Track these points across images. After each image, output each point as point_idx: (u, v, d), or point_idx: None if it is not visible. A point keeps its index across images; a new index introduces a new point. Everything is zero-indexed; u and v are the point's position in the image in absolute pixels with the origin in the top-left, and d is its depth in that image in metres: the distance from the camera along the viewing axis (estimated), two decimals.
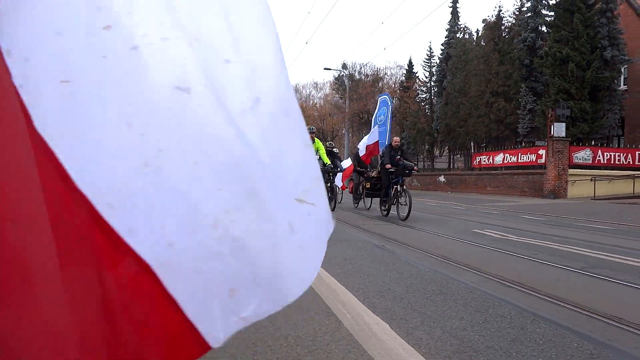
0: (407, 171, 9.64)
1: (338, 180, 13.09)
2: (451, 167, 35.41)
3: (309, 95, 60.55)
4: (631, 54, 26.41)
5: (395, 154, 9.81)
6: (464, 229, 7.86)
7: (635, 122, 27.50)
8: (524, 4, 31.05)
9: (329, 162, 10.63)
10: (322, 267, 3.95)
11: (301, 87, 63.24)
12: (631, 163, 22.50)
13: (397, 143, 10.08)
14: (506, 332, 2.64)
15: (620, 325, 2.78)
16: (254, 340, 2.42)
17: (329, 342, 2.42)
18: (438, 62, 41.93)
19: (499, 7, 46.10)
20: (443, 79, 38.59)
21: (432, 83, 43.45)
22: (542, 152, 22.53)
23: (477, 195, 21.99)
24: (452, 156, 36.96)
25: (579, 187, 21.21)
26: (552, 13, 26.62)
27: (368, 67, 49.29)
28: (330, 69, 47.18)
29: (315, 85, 69.88)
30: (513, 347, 2.40)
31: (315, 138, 10.33)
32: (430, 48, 45.52)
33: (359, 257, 5.05)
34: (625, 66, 26.78)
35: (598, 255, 5.29)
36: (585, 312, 3.05)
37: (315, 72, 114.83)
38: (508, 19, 32.54)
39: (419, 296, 3.40)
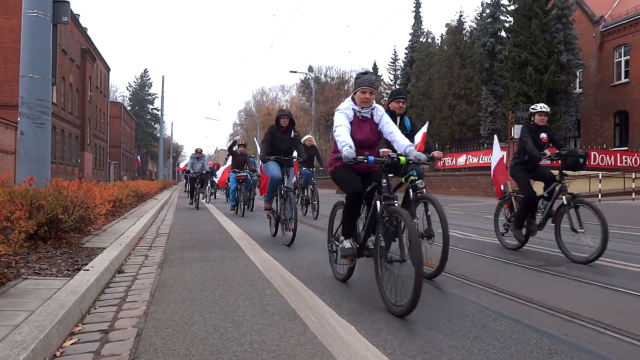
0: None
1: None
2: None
3: (276, 97, 60.37)
4: (585, 58, 27.50)
5: None
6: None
7: (590, 124, 28.64)
8: (484, 9, 31.87)
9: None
10: (287, 270, 3.94)
11: (268, 90, 62.98)
12: (587, 163, 23.30)
13: None
14: (468, 330, 2.69)
15: (577, 321, 2.88)
16: (219, 346, 2.39)
17: (295, 346, 2.41)
18: (402, 66, 42.54)
19: (460, 12, 47.11)
20: (407, 82, 39.18)
21: (397, 86, 44.02)
22: (503, 153, 23.10)
23: (442, 196, 22.38)
24: None
25: (538, 187, 21.80)
26: (511, 18, 27.43)
27: (333, 70, 49.60)
28: (296, 72, 47.18)
29: (282, 87, 69.80)
30: (475, 345, 2.45)
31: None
32: (395, 52, 46.09)
33: (325, 259, 5.04)
34: (580, 70, 27.87)
35: (555, 253, 5.46)
36: (543, 309, 3.14)
37: (282, 75, 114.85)
38: (470, 23, 33.34)
39: None
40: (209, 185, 16.74)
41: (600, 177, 20.10)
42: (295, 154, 7.05)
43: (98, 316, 2.89)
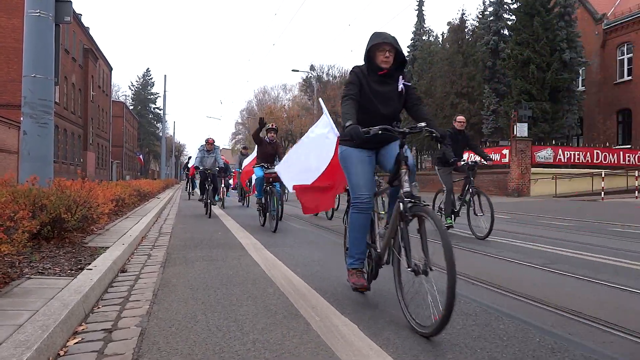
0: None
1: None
2: (419, 167, 35.91)
3: (278, 96, 60.34)
4: (588, 56, 27.42)
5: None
6: (432, 228, 7.94)
7: (593, 122, 28.56)
8: (486, 7, 31.79)
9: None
10: (290, 269, 3.92)
11: (270, 89, 62.97)
12: (590, 161, 23.31)
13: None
14: (471, 329, 2.69)
15: (580, 319, 2.87)
16: (221, 345, 2.39)
17: (297, 345, 2.41)
18: None
19: (462, 10, 47.03)
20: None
21: None
22: (505, 151, 23.14)
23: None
24: (419, 156, 37.48)
25: (542, 186, 21.85)
26: (514, 17, 27.35)
27: (335, 69, 49.48)
28: (298, 71, 47.27)
29: (284, 87, 69.74)
30: (478, 344, 2.45)
31: None
32: None
33: (327, 258, 5.05)
34: (583, 68, 27.79)
35: (559, 252, 5.46)
36: (547, 307, 3.13)
37: (284, 74, 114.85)
38: (472, 22, 33.24)
39: (387, 296, 3.42)
40: (222, 185, 12.82)
41: (603, 175, 20.04)
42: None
43: (101, 315, 2.89)
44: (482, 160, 7.49)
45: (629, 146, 25.68)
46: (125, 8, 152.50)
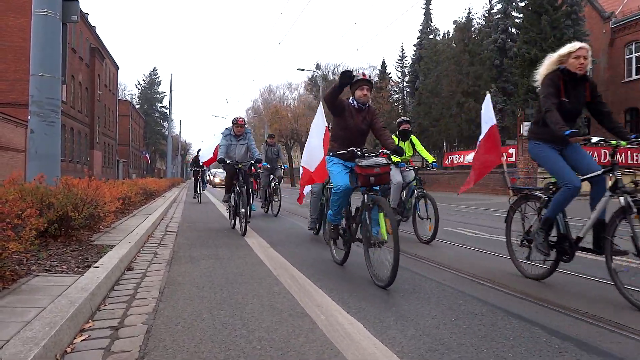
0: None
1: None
2: (424, 166, 35.76)
3: (283, 95, 60.31)
4: (596, 55, 27.19)
5: None
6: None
7: None
8: (493, 5, 31.65)
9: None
10: (295, 268, 3.92)
11: (275, 88, 62.89)
12: (597, 160, 23.13)
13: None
14: (477, 328, 2.68)
15: (586, 319, 2.86)
16: (227, 344, 2.39)
17: (303, 343, 2.42)
18: (410, 63, 42.33)
19: (469, 9, 46.79)
20: (415, 80, 38.99)
21: (405, 83, 43.84)
22: (512, 150, 23.02)
23: (451, 194, 22.29)
24: None
25: None
26: (521, 15, 27.22)
27: (341, 68, 49.34)
28: (303, 70, 47.24)
29: (289, 86, 69.68)
30: (484, 344, 2.44)
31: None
32: (403, 49, 45.83)
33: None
34: (590, 67, 27.50)
35: None
36: (553, 308, 3.12)
37: (289, 73, 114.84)
38: (478, 20, 33.10)
39: (393, 295, 3.42)
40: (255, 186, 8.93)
41: (610, 175, 19.89)
42: None
43: (108, 313, 2.91)
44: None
45: (637, 145, 25.47)
46: (131, 7, 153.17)
